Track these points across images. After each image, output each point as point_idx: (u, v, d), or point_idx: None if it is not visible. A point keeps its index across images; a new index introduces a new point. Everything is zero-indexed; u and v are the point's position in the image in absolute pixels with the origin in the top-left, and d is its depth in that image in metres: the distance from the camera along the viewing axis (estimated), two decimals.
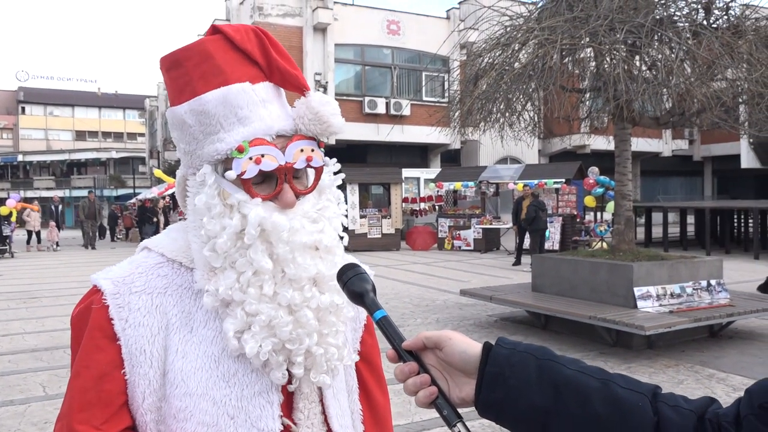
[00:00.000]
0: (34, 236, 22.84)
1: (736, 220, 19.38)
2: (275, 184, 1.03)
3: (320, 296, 1.03)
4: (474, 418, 0.86)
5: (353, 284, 0.93)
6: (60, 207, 24.40)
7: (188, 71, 1.05)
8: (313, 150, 1.05)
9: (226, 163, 1.03)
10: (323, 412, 1.11)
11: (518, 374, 0.81)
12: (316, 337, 1.03)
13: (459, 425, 0.79)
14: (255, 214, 0.99)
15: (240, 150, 1.00)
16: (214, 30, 1.08)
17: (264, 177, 1.03)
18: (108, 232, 28.91)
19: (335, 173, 1.14)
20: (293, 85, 1.08)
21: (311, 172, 1.09)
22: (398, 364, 0.86)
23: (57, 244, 22.62)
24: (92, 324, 1.03)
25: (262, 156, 1.00)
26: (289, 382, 1.05)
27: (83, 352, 1.02)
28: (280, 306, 1.00)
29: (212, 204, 1.02)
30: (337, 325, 1.07)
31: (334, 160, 1.12)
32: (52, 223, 22.83)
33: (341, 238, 1.10)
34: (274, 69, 1.07)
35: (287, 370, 1.03)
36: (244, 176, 1.00)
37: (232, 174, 1.00)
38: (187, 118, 1.05)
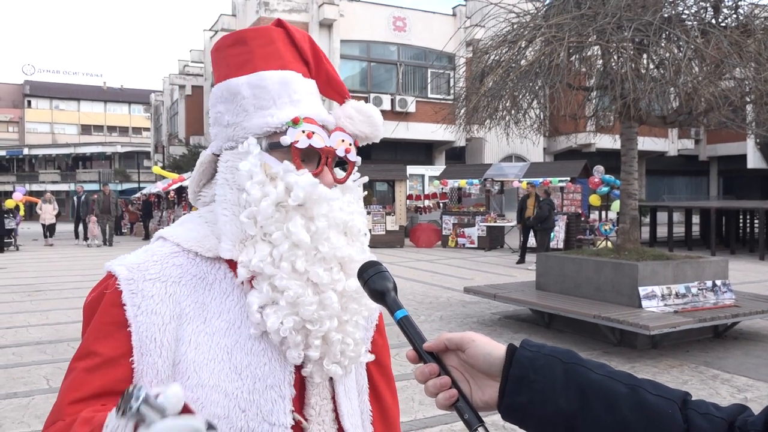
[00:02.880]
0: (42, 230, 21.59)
1: (741, 221, 19.31)
2: (315, 165, 1.09)
3: (346, 280, 1.05)
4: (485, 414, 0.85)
5: (374, 282, 0.92)
6: (83, 197, 22.09)
7: (252, 50, 1.12)
8: (350, 144, 1.13)
9: (271, 138, 1.08)
10: (334, 410, 1.10)
11: (544, 378, 0.79)
12: (336, 321, 1.04)
13: (480, 429, 0.77)
14: (306, 178, 1.04)
15: (296, 122, 1.06)
16: (279, 23, 1.17)
17: (308, 156, 1.08)
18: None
19: (355, 180, 1.19)
20: (335, 90, 1.19)
21: (337, 172, 1.14)
22: (419, 364, 0.85)
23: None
24: (103, 308, 1.01)
25: (313, 133, 1.07)
26: (303, 366, 1.06)
27: (92, 335, 1.00)
28: (309, 284, 1.02)
29: (255, 172, 1.05)
30: (359, 314, 1.08)
31: (356, 167, 1.17)
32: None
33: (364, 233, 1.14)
34: (321, 72, 1.18)
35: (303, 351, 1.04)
36: (297, 145, 1.05)
37: (287, 139, 1.06)
38: (243, 90, 1.10)
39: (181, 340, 1.01)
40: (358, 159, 1.13)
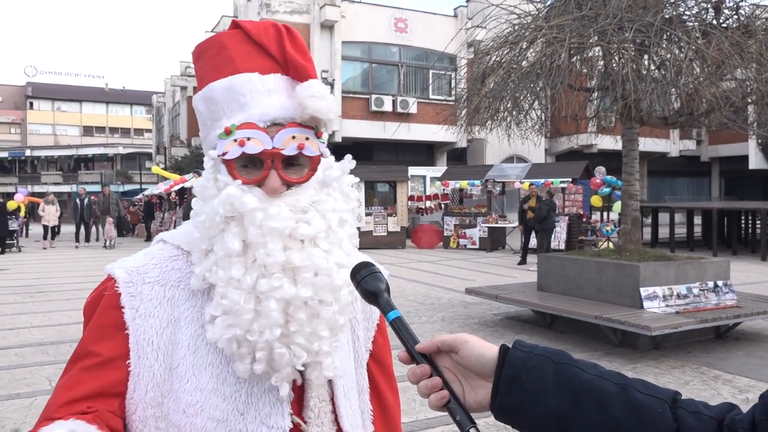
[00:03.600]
0: (47, 231, 20.88)
1: (743, 222, 19.28)
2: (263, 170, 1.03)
3: (288, 287, 0.98)
4: (478, 417, 0.85)
5: (367, 283, 0.92)
6: (86, 200, 21.52)
7: (206, 63, 1.10)
8: (307, 138, 1.04)
9: None
10: (334, 411, 1.10)
11: (535, 378, 0.80)
12: (279, 332, 0.97)
13: (472, 431, 0.78)
14: (226, 193, 1.00)
15: (227, 132, 1.02)
16: (235, 25, 1.13)
17: (255, 163, 1.02)
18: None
19: (347, 171, 1.12)
20: (303, 77, 1.08)
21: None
22: (411, 365, 0.85)
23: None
24: (102, 310, 1.02)
25: (248, 139, 1.01)
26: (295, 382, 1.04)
27: (89, 337, 1.02)
28: (248, 292, 0.98)
29: (207, 186, 1.04)
30: (311, 325, 1.00)
31: (349, 156, 1.12)
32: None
33: (351, 232, 1.09)
34: (289, 62, 1.09)
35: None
36: (226, 156, 1.02)
37: (213, 153, 1.04)
38: (200, 106, 1.10)
39: (180, 344, 1.02)
40: (325, 151, 1.07)
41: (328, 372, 1.05)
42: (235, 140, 1.01)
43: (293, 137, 1.02)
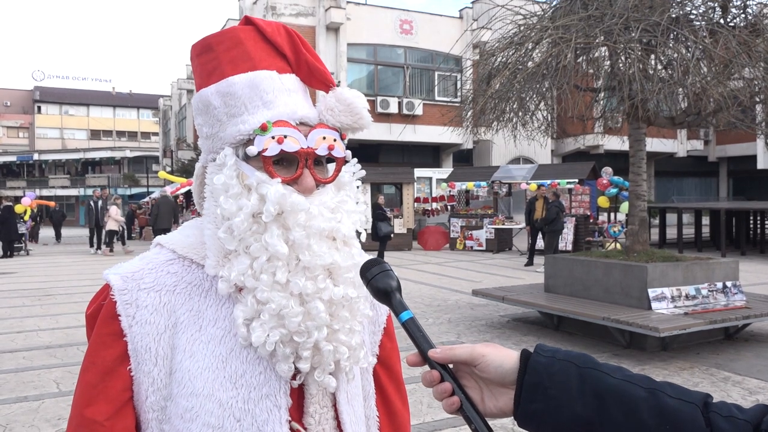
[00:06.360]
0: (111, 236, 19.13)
1: (752, 222, 19.16)
2: (295, 168, 1.02)
3: (333, 288, 0.99)
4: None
5: (378, 281, 0.89)
6: (99, 203, 20.29)
7: (218, 55, 1.07)
8: (335, 140, 1.04)
9: (246, 145, 1.02)
10: (336, 418, 1.07)
11: (559, 384, 0.77)
12: (326, 331, 0.99)
13: None
14: (275, 191, 0.97)
15: (263, 128, 1.00)
16: (247, 21, 1.10)
17: (284, 161, 1.02)
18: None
19: (355, 173, 1.12)
20: (319, 80, 1.09)
21: (331, 167, 1.08)
22: (424, 367, 0.84)
23: None
24: (101, 320, 1.02)
25: (285, 137, 1.00)
26: (295, 378, 1.02)
27: (91, 347, 1.02)
28: (292, 295, 0.97)
29: (230, 184, 1.01)
30: (351, 322, 1.02)
31: (355, 160, 1.11)
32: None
33: (359, 234, 1.08)
34: (302, 63, 1.08)
35: (294, 364, 1.00)
36: (266, 153, 0.99)
37: (253, 149, 1.00)
38: (213, 100, 1.06)
39: (177, 349, 1.01)
40: (348, 153, 1.07)
41: (364, 363, 1.06)
42: (273, 137, 0.99)
43: (324, 138, 1.03)
